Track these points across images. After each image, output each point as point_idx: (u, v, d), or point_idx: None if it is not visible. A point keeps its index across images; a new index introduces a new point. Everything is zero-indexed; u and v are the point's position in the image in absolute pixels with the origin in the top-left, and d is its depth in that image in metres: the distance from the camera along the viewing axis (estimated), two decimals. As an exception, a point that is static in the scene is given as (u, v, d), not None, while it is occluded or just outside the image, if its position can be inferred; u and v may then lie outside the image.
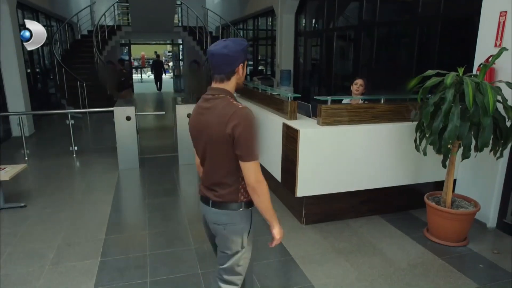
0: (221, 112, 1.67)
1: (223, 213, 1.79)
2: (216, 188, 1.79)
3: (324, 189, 3.54)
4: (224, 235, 1.82)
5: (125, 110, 5.24)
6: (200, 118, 1.76)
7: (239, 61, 1.71)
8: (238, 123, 1.64)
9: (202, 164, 1.86)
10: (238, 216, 1.80)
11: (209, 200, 1.82)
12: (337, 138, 3.43)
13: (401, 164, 3.70)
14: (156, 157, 6.09)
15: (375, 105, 3.58)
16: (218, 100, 1.70)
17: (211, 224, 1.86)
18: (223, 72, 1.71)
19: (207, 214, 1.86)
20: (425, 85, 3.08)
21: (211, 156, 1.76)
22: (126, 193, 4.69)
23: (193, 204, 4.22)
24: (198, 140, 1.80)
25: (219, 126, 1.66)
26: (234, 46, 1.68)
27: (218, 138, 1.68)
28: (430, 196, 3.56)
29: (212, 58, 1.70)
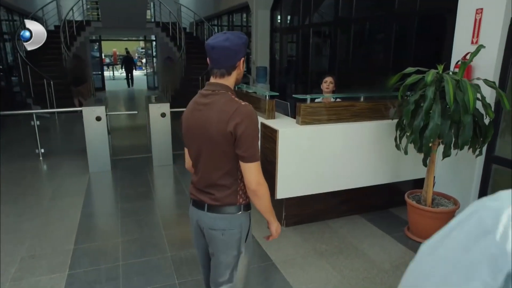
0: (222, 109, 1.56)
1: (221, 217, 1.67)
2: (213, 191, 1.66)
3: (305, 191, 3.45)
4: (222, 240, 1.69)
5: (94, 110, 4.97)
6: (196, 115, 1.63)
7: (241, 55, 1.60)
8: (241, 121, 1.53)
9: (195, 165, 1.73)
10: (237, 220, 1.69)
11: (204, 204, 1.69)
12: (317, 137, 3.34)
13: (381, 162, 3.65)
14: (129, 159, 5.85)
15: (355, 103, 3.51)
16: (218, 96, 1.59)
17: (206, 230, 1.71)
18: (224, 67, 1.59)
19: (202, 219, 1.71)
20: (406, 83, 3.03)
21: (208, 156, 1.64)
22: (97, 197, 4.44)
23: (168, 208, 4.05)
24: (193, 138, 1.68)
25: (219, 124, 1.54)
26: (235, 39, 1.56)
27: (217, 136, 1.56)
28: (411, 195, 3.54)
29: (212, 52, 1.56)
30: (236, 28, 12.25)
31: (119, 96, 14.25)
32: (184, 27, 13.75)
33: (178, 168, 5.39)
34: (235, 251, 1.72)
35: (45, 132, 7.44)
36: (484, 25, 3.29)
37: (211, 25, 13.51)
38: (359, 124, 3.50)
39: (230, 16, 11.98)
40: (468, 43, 3.42)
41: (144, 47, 22.13)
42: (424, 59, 4.62)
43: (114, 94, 14.88)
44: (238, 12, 10.93)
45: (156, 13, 13.72)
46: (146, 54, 20.04)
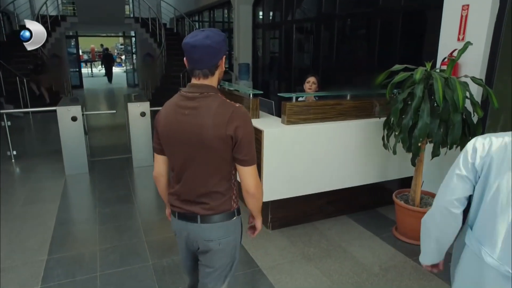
0: (217, 112, 1.46)
1: (217, 226, 1.58)
2: (207, 200, 1.56)
3: (291, 192, 3.34)
4: (219, 250, 1.62)
5: (69, 110, 4.73)
6: (183, 119, 1.49)
7: (222, 53, 1.50)
8: (240, 124, 1.46)
9: (179, 174, 1.58)
10: (233, 226, 1.64)
11: (197, 216, 1.57)
12: (303, 137, 3.23)
13: (368, 162, 3.58)
14: (107, 160, 5.62)
15: (341, 101, 3.42)
16: (209, 98, 1.48)
17: (201, 242, 1.61)
18: (207, 67, 1.47)
19: (194, 232, 1.60)
20: (394, 81, 2.95)
21: (202, 163, 1.51)
22: (73, 202, 4.22)
23: (150, 212, 3.88)
24: (178, 145, 1.52)
25: (216, 128, 1.44)
26: (215, 36, 1.45)
27: (214, 141, 1.46)
28: (398, 194, 3.48)
29: (192, 51, 1.44)
30: (217, 24, 12.04)
31: (98, 94, 13.84)
32: (164, 23, 13.45)
33: (160, 169, 5.20)
34: (231, 258, 1.68)
35: (17, 133, 7.11)
36: (471, 21, 3.25)
37: (192, 21, 13.25)
38: (346, 123, 3.41)
39: (212, 11, 11.76)
40: (454, 39, 3.37)
41: (123, 44, 21.59)
42: (409, 56, 4.57)
43: (93, 92, 14.44)
44: (219, 7, 10.72)
45: (135, 8, 13.36)
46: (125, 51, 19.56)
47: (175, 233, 1.71)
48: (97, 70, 21.64)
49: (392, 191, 3.60)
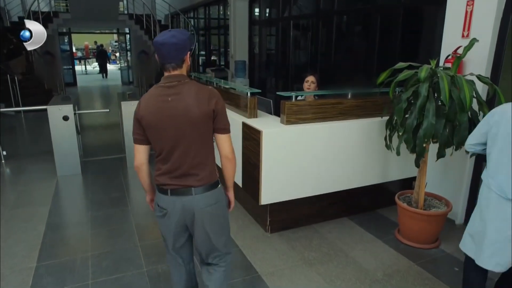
0: (198, 93, 1.74)
1: (209, 194, 1.83)
2: (197, 172, 1.79)
3: (291, 195, 3.23)
4: (215, 215, 1.87)
5: (60, 109, 4.57)
6: (168, 105, 1.72)
7: (187, 49, 1.76)
8: (217, 99, 1.78)
9: (168, 154, 1.78)
10: (219, 193, 1.89)
11: (191, 188, 1.79)
12: (303, 137, 3.11)
13: (369, 163, 3.47)
14: (101, 160, 5.47)
15: (342, 100, 3.31)
16: (187, 84, 1.75)
17: (198, 211, 1.81)
18: (175, 61, 1.73)
19: (190, 203, 1.80)
20: (397, 79, 2.84)
21: (190, 139, 1.75)
22: (65, 205, 4.07)
23: (144, 215, 3.74)
24: (168, 128, 1.74)
25: (201, 105, 1.72)
26: (180, 35, 1.72)
27: (201, 117, 1.72)
28: (401, 196, 3.38)
29: (161, 48, 1.70)
30: (213, 21, 11.88)
31: (92, 92, 13.63)
32: (159, 19, 13.25)
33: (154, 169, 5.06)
34: (225, 219, 1.95)
35: (8, 132, 6.94)
36: (476, 17, 3.14)
37: (187, 17, 13.06)
38: (347, 123, 3.30)
39: (207, 8, 11.59)
40: (458, 36, 3.27)
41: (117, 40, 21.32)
42: (410, 53, 4.46)
43: (87, 89, 14.25)
44: (215, 4, 10.55)
45: (129, 5, 13.13)
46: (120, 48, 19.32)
47: (164, 212, 1.85)
48: (91, 67, 21.38)
49: (392, 192, 3.50)
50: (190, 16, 13.30)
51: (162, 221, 1.91)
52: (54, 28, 11.64)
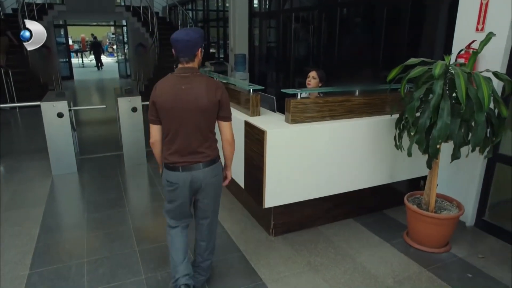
0: (208, 85, 2.07)
1: (213, 167, 2.21)
2: (204, 150, 2.14)
3: (296, 197, 3.09)
4: (215, 184, 2.25)
5: (54, 106, 4.40)
6: (180, 93, 2.03)
7: (198, 46, 2.06)
8: (223, 91, 2.11)
9: (176, 135, 2.10)
10: (220, 166, 2.29)
11: (200, 163, 2.15)
12: (309, 137, 2.96)
13: (377, 162, 3.33)
14: (97, 158, 5.31)
15: (350, 97, 3.15)
16: (198, 77, 2.07)
17: (204, 183, 2.18)
18: (188, 55, 2.04)
19: (198, 177, 2.16)
20: (410, 75, 2.68)
21: (197, 123, 2.08)
22: (60, 206, 3.91)
23: (142, 218, 3.60)
24: (177, 112, 2.05)
25: (210, 96, 2.05)
26: (193, 33, 2.04)
27: (209, 105, 2.06)
28: (410, 197, 3.25)
29: (176, 44, 2.03)
30: (212, 12, 11.66)
31: (89, 86, 13.40)
32: (157, 11, 12.98)
33: (153, 167, 4.92)
34: (219, 189, 2.34)
35: (2, 129, 6.76)
36: (491, 10, 2.97)
37: (185, 9, 12.81)
38: (355, 121, 3.15)
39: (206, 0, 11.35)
40: (472, 30, 3.10)
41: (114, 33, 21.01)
42: (418, 46, 4.30)
43: (83, 83, 14.02)
44: (213, -5, 10.33)
45: (126, -4, 12.86)
46: (116, 40, 19.04)
47: (175, 186, 2.17)
48: (88, 60, 21.09)
49: (399, 192, 3.37)
50: (188, 8, 13.05)
51: (172, 194, 2.22)
52: (49, 21, 11.39)
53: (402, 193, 3.42)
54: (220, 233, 3.27)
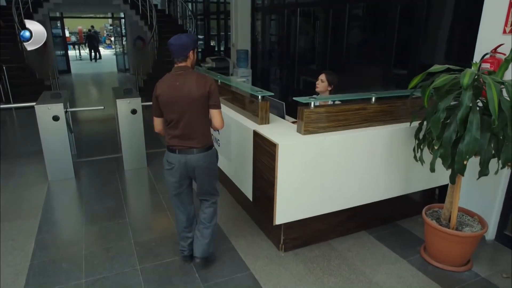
0: (198, 80, 2.39)
1: (206, 154, 2.52)
2: (198, 136, 2.47)
3: (309, 212, 2.89)
4: (208, 168, 2.57)
5: (50, 108, 4.17)
6: (177, 88, 2.38)
7: (190, 49, 2.41)
8: (211, 84, 2.42)
9: (177, 123, 2.45)
10: (213, 153, 2.60)
11: (193, 149, 2.48)
12: (323, 149, 2.75)
13: (393, 173, 3.13)
14: (96, 161, 5.10)
15: (366, 105, 2.93)
16: (189, 74, 2.41)
17: (197, 165, 2.51)
18: (180, 56, 2.40)
19: (191, 160, 2.50)
20: (434, 85, 2.46)
21: (192, 113, 2.42)
22: (56, 218, 3.69)
23: (143, 230, 3.40)
24: (176, 105, 2.40)
25: (200, 89, 2.37)
26: (185, 38, 2.40)
27: (200, 97, 2.38)
28: (428, 211, 3.05)
29: (171, 47, 2.40)
30: (212, 5, 11.35)
31: (87, 80, 13.10)
32: (155, 4, 12.64)
33: (154, 171, 4.71)
34: (214, 171, 2.64)
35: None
36: (521, 11, 2.75)
37: (184, 1, 12.48)
38: (371, 131, 2.94)
39: (206, -8, 11.04)
40: (499, 32, 2.88)
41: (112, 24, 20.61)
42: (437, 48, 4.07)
43: (81, 77, 13.73)
44: (214, -13, 10.02)
45: (124, -12, 12.49)
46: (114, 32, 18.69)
47: (172, 166, 2.54)
48: (85, 52, 20.72)
49: (413, 202, 3.18)
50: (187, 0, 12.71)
51: (169, 173, 2.58)
52: (44, 13, 11.07)
53: (416, 203, 3.24)
54: (227, 249, 3.09)
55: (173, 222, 3.47)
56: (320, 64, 5.98)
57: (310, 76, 6.45)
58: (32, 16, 10.14)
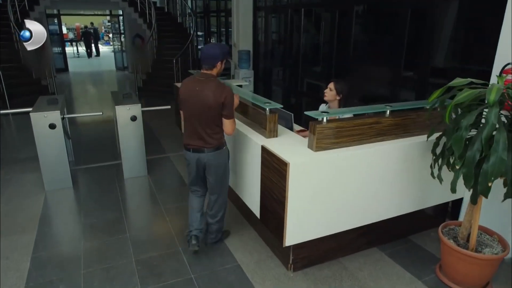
0: (216, 89, 2.57)
1: (215, 153, 2.75)
2: (208, 139, 2.70)
3: (320, 233, 2.75)
4: (216, 167, 2.81)
5: (46, 116, 4.00)
6: (195, 92, 2.61)
7: (218, 59, 2.61)
8: (226, 96, 2.58)
9: (192, 123, 2.70)
10: (222, 153, 2.80)
11: (204, 148, 2.73)
12: (336, 166, 2.60)
13: (408, 189, 2.99)
14: (94, 168, 4.94)
15: (381, 119, 2.78)
16: (210, 81, 2.60)
17: (207, 163, 2.78)
18: (206, 65, 2.61)
19: (202, 158, 2.76)
20: (456, 101, 2.31)
21: (205, 117, 2.63)
22: (54, 232, 3.51)
23: (145, 246, 3.25)
24: (191, 107, 2.66)
25: (215, 97, 2.55)
26: (217, 50, 2.62)
27: (214, 105, 2.57)
28: (444, 228, 2.91)
29: (201, 54, 2.63)
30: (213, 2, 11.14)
31: (85, 80, 12.87)
32: (154, 1, 12.43)
33: (154, 179, 4.56)
34: (223, 171, 2.86)
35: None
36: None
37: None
38: (386, 145, 2.78)
39: (206, -11, 10.82)
40: (521, 42, 2.72)
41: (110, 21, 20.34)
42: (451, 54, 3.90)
43: (79, 76, 13.50)
44: (215, -15, 9.81)
45: (122, -15, 12.25)
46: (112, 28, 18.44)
47: (188, 162, 2.87)
48: (83, 49, 20.46)
49: (425, 216, 3.04)
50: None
51: (187, 168, 2.93)
52: (41, 11, 10.84)
53: (428, 217, 3.11)
54: (232, 268, 2.94)
55: (176, 237, 3.32)
56: (325, 66, 5.82)
57: (314, 79, 6.29)
58: (28, 14, 9.92)
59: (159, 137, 6.21)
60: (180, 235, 3.36)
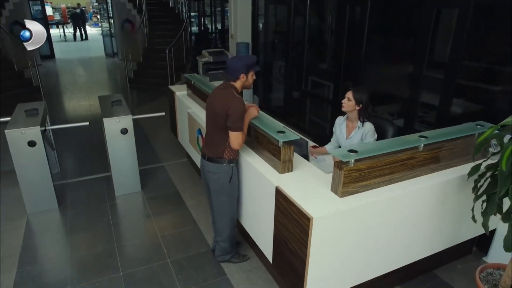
0: (225, 98, 2.57)
1: (213, 164, 2.71)
2: (210, 147, 2.73)
3: (343, 285, 2.38)
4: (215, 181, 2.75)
5: (23, 133, 3.53)
6: (212, 100, 2.69)
7: (240, 72, 2.59)
8: (231, 106, 2.52)
9: (206, 130, 2.82)
10: (222, 167, 2.70)
11: (205, 156, 2.76)
12: (365, 213, 2.21)
13: (441, 226, 2.63)
14: (82, 182, 4.50)
15: (415, 154, 2.37)
16: (226, 90, 2.62)
17: (205, 171, 2.81)
18: (229, 76, 2.63)
19: (203, 165, 2.82)
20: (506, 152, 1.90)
21: (213, 126, 2.68)
22: (35, 273, 3.05)
23: (143, 284, 2.87)
24: (207, 112, 2.74)
25: (222, 107, 2.55)
26: (239, 63, 2.58)
27: (219, 114, 2.56)
28: (482, 273, 2.57)
29: (226, 66, 2.66)
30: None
31: (73, 69, 12.11)
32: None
33: (149, 196, 4.15)
34: (221, 188, 2.76)
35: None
36: None
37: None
38: (419, 184, 2.39)
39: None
40: None
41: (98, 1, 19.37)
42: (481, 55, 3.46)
43: (66, 64, 12.77)
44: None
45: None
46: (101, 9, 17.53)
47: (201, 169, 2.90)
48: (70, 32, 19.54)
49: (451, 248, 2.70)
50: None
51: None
52: (22, -6, 10.08)
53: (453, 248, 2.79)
54: None
55: (176, 275, 2.95)
56: (333, 64, 5.35)
57: (320, 77, 5.82)
58: (8, -2, 9.18)
59: (152, 143, 5.72)
60: (180, 273, 2.98)
